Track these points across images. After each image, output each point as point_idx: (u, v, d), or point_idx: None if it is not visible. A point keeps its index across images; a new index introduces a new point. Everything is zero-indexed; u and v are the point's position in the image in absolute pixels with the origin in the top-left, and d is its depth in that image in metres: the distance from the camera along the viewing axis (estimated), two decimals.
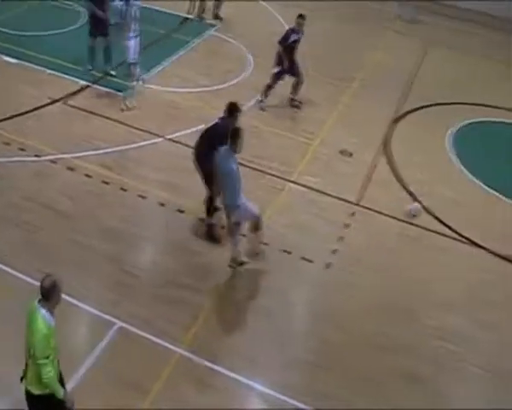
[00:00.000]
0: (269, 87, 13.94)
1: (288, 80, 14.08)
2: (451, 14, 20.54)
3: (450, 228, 11.22)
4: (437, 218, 11.41)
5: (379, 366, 8.53)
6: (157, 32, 16.39)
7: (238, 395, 7.99)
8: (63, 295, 6.13)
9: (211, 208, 10.26)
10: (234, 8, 18.47)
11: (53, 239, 9.73)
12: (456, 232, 11.14)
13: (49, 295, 5.99)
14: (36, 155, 11.47)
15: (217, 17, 18.01)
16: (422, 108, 15.06)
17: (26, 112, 12.65)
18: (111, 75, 14.27)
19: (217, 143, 9.29)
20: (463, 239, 11.03)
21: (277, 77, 13.90)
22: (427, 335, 9.13)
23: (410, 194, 11.92)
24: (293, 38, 13.67)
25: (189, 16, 18.02)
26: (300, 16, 13.74)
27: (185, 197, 10.94)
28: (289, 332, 8.93)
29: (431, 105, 15.23)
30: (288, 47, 13.65)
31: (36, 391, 6.23)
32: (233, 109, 9.85)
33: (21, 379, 6.31)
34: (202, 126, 11.16)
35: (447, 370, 8.66)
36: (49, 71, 14.16)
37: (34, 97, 13.13)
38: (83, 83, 13.98)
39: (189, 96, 14.06)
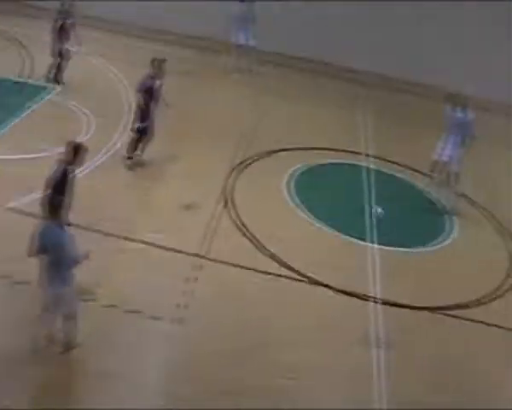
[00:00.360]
0: (137, 141, 13.80)
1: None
2: (280, 62, 21.31)
3: (294, 270, 11.52)
4: (282, 261, 11.67)
5: None
6: None
7: None
8: None
9: None
10: (74, 69, 18.09)
11: None
12: (300, 273, 11.47)
13: None
14: None
15: (57, 80, 17.31)
16: (259, 155, 15.44)
17: None
18: None
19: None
20: (306, 279, 11.38)
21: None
22: (281, 372, 9.35)
23: (254, 241, 12.11)
24: (150, 83, 13.53)
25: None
26: (156, 60, 13.60)
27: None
28: (141, 393, 8.72)
29: (270, 152, 15.65)
30: (151, 95, 13.48)
31: None
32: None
33: None
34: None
35: (303, 403, 8.87)
36: None
37: None
38: None
39: (24, 162, 13.49)
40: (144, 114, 13.66)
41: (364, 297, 11.25)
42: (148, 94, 13.53)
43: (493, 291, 12.10)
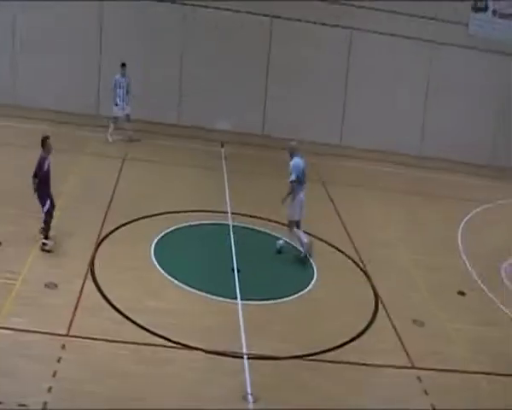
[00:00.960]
0: (47, 226, 13.82)
1: None
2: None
3: (164, 337, 11.53)
4: (151, 330, 11.66)
5: None
6: None
7: None
8: None
9: None
10: None
11: None
12: (170, 340, 11.49)
13: None
14: None
15: None
16: (124, 224, 15.51)
17: None
18: None
19: None
20: (177, 344, 11.43)
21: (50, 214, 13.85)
22: None
23: (122, 314, 12.07)
24: (47, 163, 13.68)
25: None
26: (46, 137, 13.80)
27: None
28: None
29: (132, 220, 15.74)
30: (44, 176, 13.62)
31: None
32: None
33: None
34: None
35: None
36: None
37: None
38: None
39: None
40: (45, 194, 13.78)
41: (235, 355, 11.42)
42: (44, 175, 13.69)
43: (363, 330, 12.64)
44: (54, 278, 12.85)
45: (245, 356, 11.39)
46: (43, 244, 13.91)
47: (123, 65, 20.96)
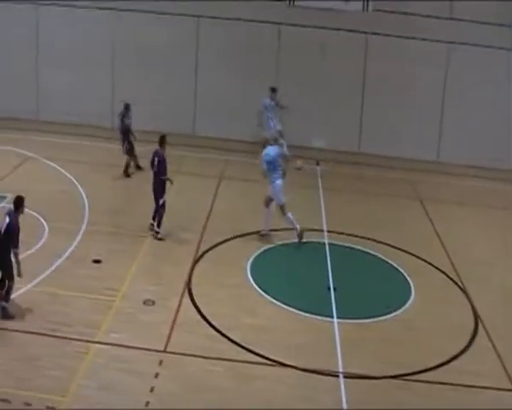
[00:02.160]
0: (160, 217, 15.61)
1: None
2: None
3: (259, 355, 11.57)
4: (246, 348, 11.74)
5: None
6: None
7: None
8: None
9: None
10: (11, 170, 18.43)
11: None
12: (265, 357, 11.53)
13: None
14: None
15: None
16: (221, 243, 15.74)
17: None
18: None
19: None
20: (272, 362, 11.45)
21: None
22: None
23: (217, 330, 12.21)
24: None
25: None
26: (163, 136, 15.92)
27: None
28: None
29: (229, 239, 15.95)
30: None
31: None
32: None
33: None
34: None
35: None
36: None
37: None
38: None
39: None
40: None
41: (330, 373, 11.33)
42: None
43: (462, 350, 12.30)
44: (152, 295, 13.18)
45: (340, 375, 11.30)
46: (157, 233, 15.59)
47: (273, 89, 21.62)
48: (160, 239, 15.56)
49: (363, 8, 22.29)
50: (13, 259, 11.75)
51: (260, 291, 13.81)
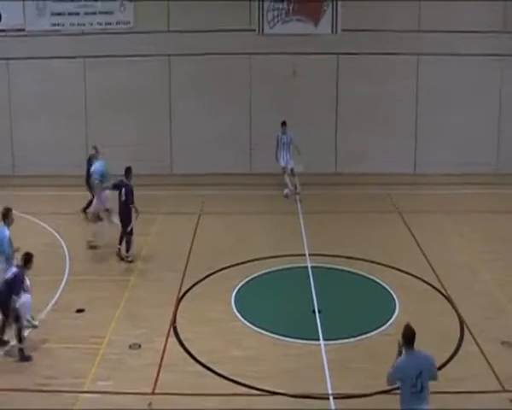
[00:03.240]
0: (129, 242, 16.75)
1: None
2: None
3: (249, 386, 11.56)
4: (235, 381, 11.72)
5: None
6: None
7: None
8: None
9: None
10: None
11: None
12: (255, 388, 11.51)
13: None
14: None
15: None
16: (204, 278, 15.79)
17: None
18: None
19: None
20: (263, 392, 11.42)
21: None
22: None
23: (205, 366, 12.19)
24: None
25: None
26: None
27: None
28: None
29: (211, 274, 16.00)
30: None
31: None
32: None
33: None
34: None
35: None
36: None
37: None
38: None
39: None
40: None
41: (320, 396, 11.33)
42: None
43: (450, 357, 12.35)
44: (137, 339, 13.15)
45: (331, 396, 11.30)
46: (127, 257, 16.70)
47: (283, 123, 21.51)
48: (131, 262, 16.69)
49: (332, 30, 22.79)
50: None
51: (245, 322, 13.81)
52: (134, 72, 23.46)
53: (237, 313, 14.17)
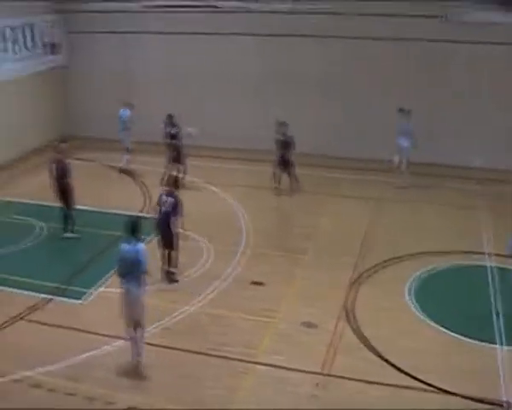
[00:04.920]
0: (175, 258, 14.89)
1: None
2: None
3: (421, 381, 11.30)
4: (404, 371, 11.53)
5: None
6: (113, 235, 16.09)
7: None
8: None
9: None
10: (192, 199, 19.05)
11: None
12: (427, 383, 11.22)
13: None
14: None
15: None
16: (377, 265, 15.56)
17: None
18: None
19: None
20: (434, 389, 11.12)
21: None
22: None
23: (377, 354, 12.05)
24: None
25: None
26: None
27: (156, 395, 10.93)
28: None
29: (386, 261, 15.73)
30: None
31: None
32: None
33: None
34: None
35: None
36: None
37: None
38: (42, 296, 14.02)
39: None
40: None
41: (494, 401, 10.87)
42: None
43: None
44: (310, 317, 13.25)
45: (504, 404, 10.79)
46: (173, 274, 14.76)
47: (401, 110, 20.78)
48: (175, 281, 14.69)
49: None
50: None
51: (420, 314, 13.48)
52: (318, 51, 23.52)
53: (412, 305, 13.85)
